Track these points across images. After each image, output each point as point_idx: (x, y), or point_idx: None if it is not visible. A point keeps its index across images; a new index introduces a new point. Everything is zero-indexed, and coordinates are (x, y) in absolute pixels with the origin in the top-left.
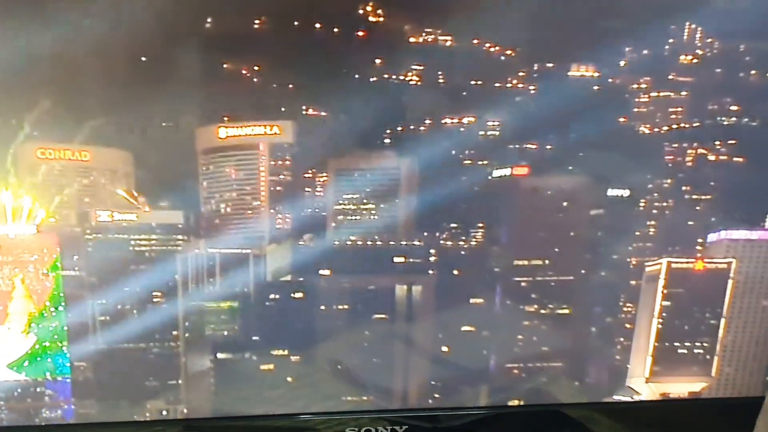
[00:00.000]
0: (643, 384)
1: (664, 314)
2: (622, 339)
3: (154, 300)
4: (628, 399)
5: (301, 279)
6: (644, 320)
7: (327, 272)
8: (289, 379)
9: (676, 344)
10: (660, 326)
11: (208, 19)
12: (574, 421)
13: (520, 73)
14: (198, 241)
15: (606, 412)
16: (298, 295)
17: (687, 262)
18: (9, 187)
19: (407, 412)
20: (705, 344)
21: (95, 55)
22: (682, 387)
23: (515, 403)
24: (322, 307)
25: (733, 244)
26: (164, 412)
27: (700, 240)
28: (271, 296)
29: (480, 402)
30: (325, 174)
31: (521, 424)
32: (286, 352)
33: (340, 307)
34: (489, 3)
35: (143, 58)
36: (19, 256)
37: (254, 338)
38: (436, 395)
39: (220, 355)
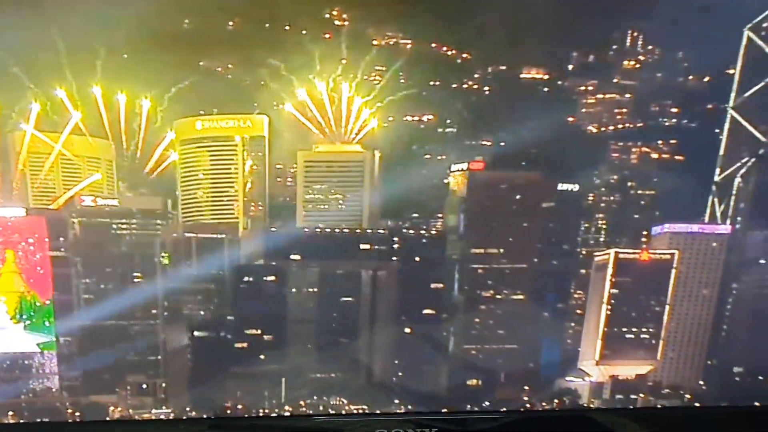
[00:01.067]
0: (593, 366)
1: (612, 301)
2: (573, 324)
3: (135, 280)
4: (657, 405)
5: (274, 263)
6: (594, 307)
7: (298, 257)
8: (261, 357)
9: (624, 329)
10: (609, 312)
11: (186, 21)
12: (603, 426)
13: (476, 75)
14: (176, 225)
15: (634, 418)
16: (271, 278)
17: (633, 253)
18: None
19: (435, 415)
20: (651, 330)
21: (81, 49)
22: (629, 369)
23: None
24: (293, 290)
25: (676, 236)
26: (144, 386)
27: (645, 232)
28: (245, 279)
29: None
30: (295, 165)
31: (549, 429)
32: (259, 332)
33: (310, 290)
34: (446, 9)
35: (125, 55)
36: (9, 236)
37: (229, 318)
38: (400, 374)
39: (197, 333)
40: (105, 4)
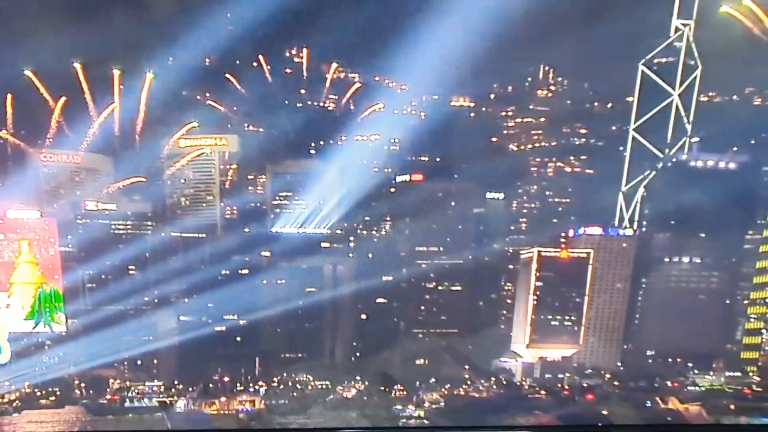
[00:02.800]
0: (524, 349)
1: (538, 293)
2: (505, 312)
3: (129, 273)
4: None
5: (247, 259)
6: (522, 297)
7: (267, 254)
8: (238, 338)
9: (549, 317)
10: (535, 302)
11: (170, 58)
12: None
13: (413, 103)
14: (163, 227)
15: None
16: (245, 271)
17: (554, 252)
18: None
19: (444, 431)
20: (573, 318)
21: (88, 77)
22: (556, 352)
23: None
24: (264, 282)
25: (591, 237)
26: (138, 362)
27: (564, 234)
28: (223, 272)
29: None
30: (264, 176)
31: None
32: (235, 316)
33: (279, 281)
34: (386, 48)
35: (121, 87)
36: (26, 234)
37: (210, 305)
38: (359, 354)
39: (183, 317)
40: (105, 44)
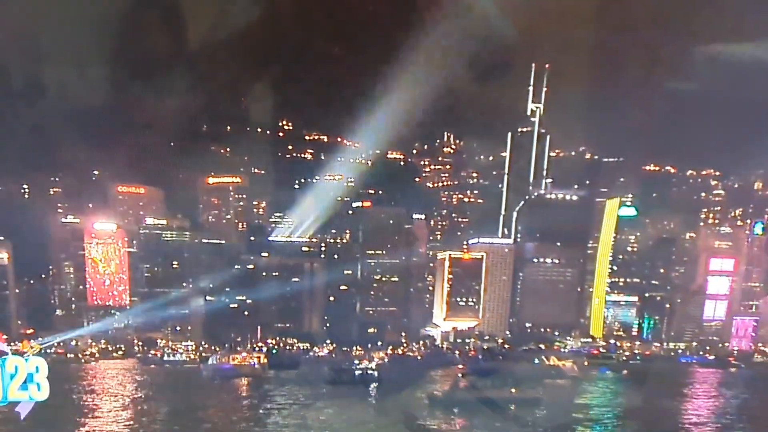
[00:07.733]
0: (442, 321)
1: (450, 283)
2: (428, 295)
3: (173, 267)
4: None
5: (252, 258)
6: (439, 285)
7: (266, 255)
8: (246, 313)
9: (458, 299)
10: (449, 289)
11: (204, 126)
12: None
13: (363, 155)
14: (196, 235)
15: None
16: (251, 266)
17: (460, 254)
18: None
19: None
20: (474, 300)
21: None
22: (464, 324)
23: None
24: (264, 274)
25: (484, 245)
26: (177, 328)
27: (465, 242)
28: (235, 266)
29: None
30: (264, 202)
31: None
32: (244, 297)
33: (274, 274)
34: (345, 119)
35: (171, 143)
36: (107, 240)
37: (227, 289)
38: (328, 324)
39: (208, 297)
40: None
